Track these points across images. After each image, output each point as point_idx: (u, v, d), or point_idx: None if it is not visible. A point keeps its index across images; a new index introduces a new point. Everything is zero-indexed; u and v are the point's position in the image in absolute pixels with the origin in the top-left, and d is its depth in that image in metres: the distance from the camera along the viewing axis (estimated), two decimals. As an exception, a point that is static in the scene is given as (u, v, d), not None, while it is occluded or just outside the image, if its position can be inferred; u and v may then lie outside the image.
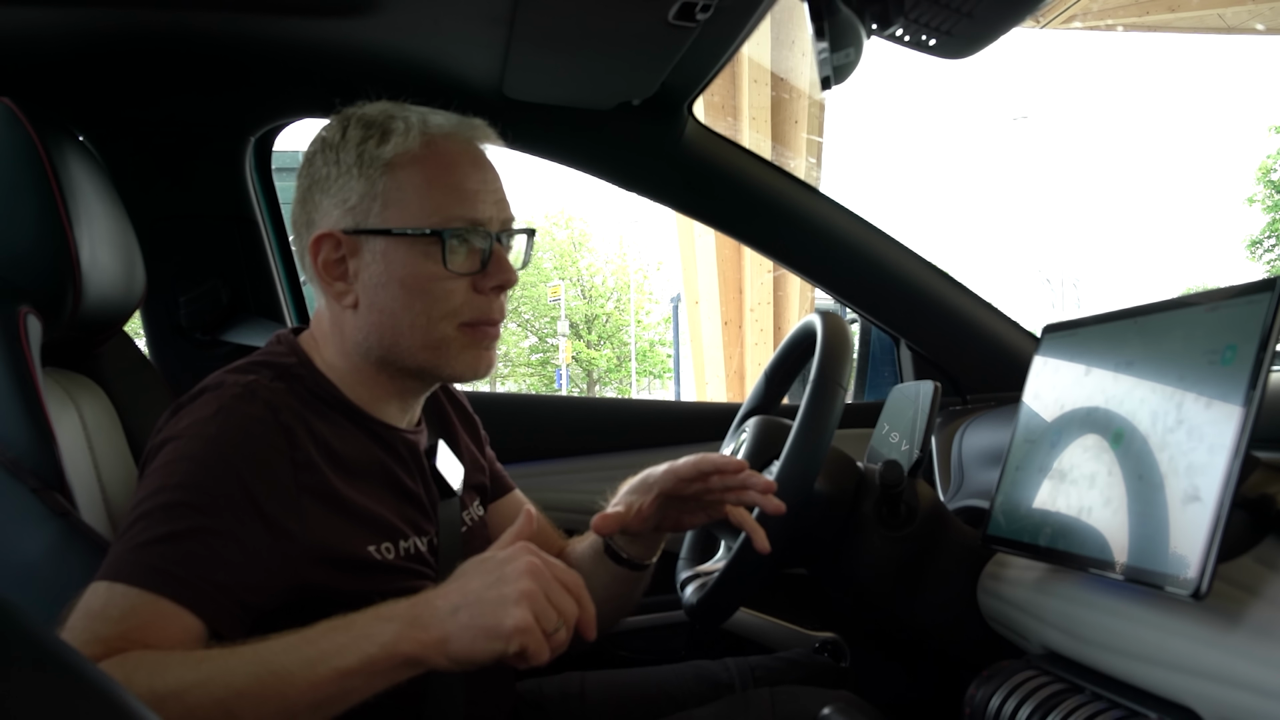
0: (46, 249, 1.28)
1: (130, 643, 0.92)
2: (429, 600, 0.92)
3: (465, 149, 1.18)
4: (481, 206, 1.16)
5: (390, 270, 1.14)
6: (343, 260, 1.16)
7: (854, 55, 1.29)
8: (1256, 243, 25.67)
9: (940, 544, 1.34)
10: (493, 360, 1.21)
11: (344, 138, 1.17)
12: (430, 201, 1.14)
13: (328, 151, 1.18)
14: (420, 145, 1.15)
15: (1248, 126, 51.77)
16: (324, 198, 1.17)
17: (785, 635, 1.90)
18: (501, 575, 0.91)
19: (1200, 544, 0.84)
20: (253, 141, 1.95)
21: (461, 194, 1.16)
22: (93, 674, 0.46)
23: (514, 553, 0.93)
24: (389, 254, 1.14)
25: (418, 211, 1.14)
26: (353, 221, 1.15)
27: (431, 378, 1.22)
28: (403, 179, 1.14)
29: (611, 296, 33.12)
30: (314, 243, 1.16)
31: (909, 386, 1.50)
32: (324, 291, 1.19)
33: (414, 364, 1.17)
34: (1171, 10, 11.43)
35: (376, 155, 1.15)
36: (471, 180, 1.17)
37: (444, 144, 1.17)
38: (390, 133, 1.15)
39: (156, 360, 1.92)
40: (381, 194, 1.14)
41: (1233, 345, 0.88)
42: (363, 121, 1.17)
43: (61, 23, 1.56)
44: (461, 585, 0.93)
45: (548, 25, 1.57)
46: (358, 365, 1.19)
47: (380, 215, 1.14)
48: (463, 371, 1.19)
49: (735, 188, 2.03)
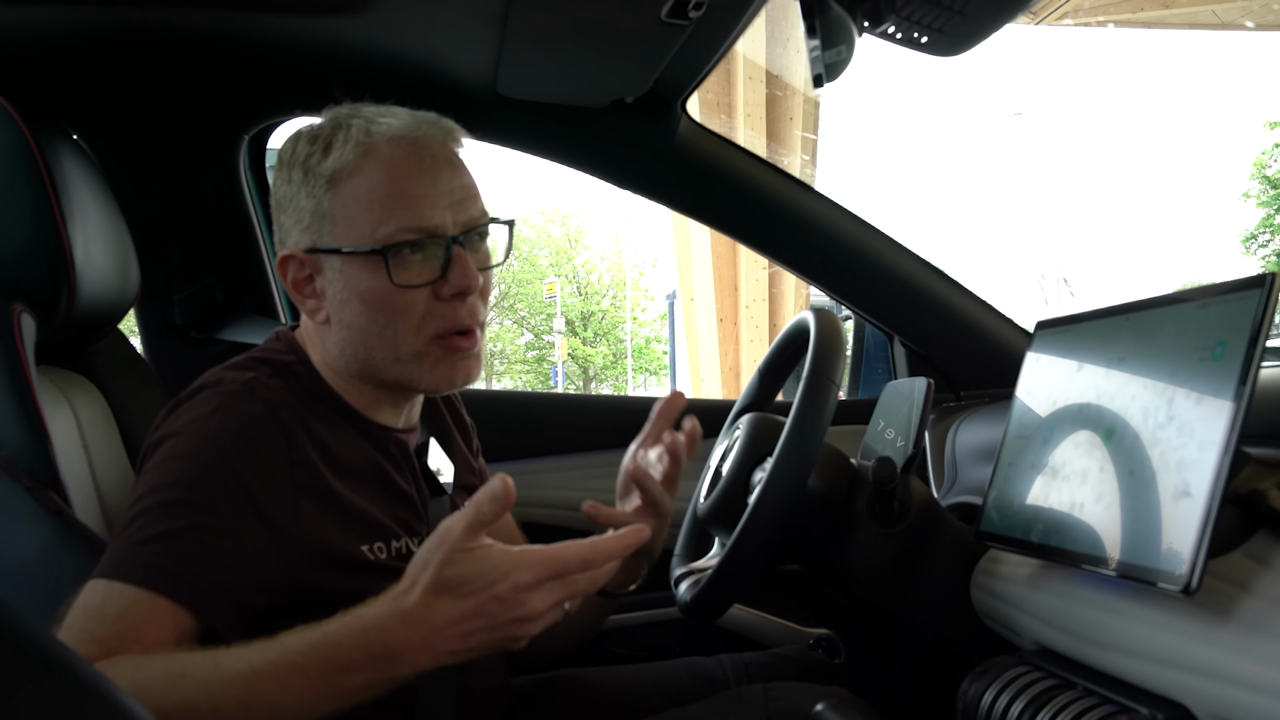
0: (40, 247, 1.28)
1: (127, 641, 0.92)
2: (399, 631, 0.90)
3: (410, 152, 1.12)
4: (431, 211, 1.11)
5: (350, 288, 1.12)
6: (310, 278, 1.15)
7: (846, 53, 1.29)
8: (1251, 238, 25.76)
9: (933, 540, 1.34)
10: (470, 370, 1.17)
11: (293, 153, 1.14)
12: (373, 214, 1.10)
13: (282, 169, 1.16)
14: (358, 156, 1.10)
15: (1242, 122, 51.91)
16: (284, 217, 1.16)
17: (779, 632, 1.90)
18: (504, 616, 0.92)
19: (1191, 539, 0.84)
20: (247, 139, 1.95)
21: (405, 201, 1.10)
22: (89, 674, 0.46)
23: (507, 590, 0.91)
24: (346, 272, 1.12)
25: (363, 226, 1.10)
26: (310, 240, 1.13)
27: (408, 390, 1.19)
28: (345, 193, 1.10)
29: (607, 293, 33.13)
30: (280, 263, 1.16)
31: (902, 383, 1.50)
32: (300, 308, 1.18)
33: (389, 377, 1.16)
34: (1164, 6, 11.45)
35: (319, 171, 1.11)
36: (417, 185, 1.11)
37: (387, 149, 1.11)
38: (331, 146, 1.12)
39: (151, 358, 1.92)
40: (329, 212, 1.11)
41: (1223, 341, 0.89)
42: (309, 136, 1.15)
43: (55, 21, 1.56)
44: (428, 620, 0.90)
45: (541, 22, 1.57)
46: (343, 373, 1.18)
47: (331, 233, 1.12)
48: (438, 384, 1.16)
49: (730, 185, 2.03)
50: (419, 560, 0.92)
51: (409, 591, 0.91)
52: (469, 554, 0.90)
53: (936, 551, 1.34)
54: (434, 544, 0.91)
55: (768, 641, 1.87)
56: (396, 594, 0.91)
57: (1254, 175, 25.45)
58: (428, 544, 0.92)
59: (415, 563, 0.92)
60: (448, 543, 0.90)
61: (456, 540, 0.89)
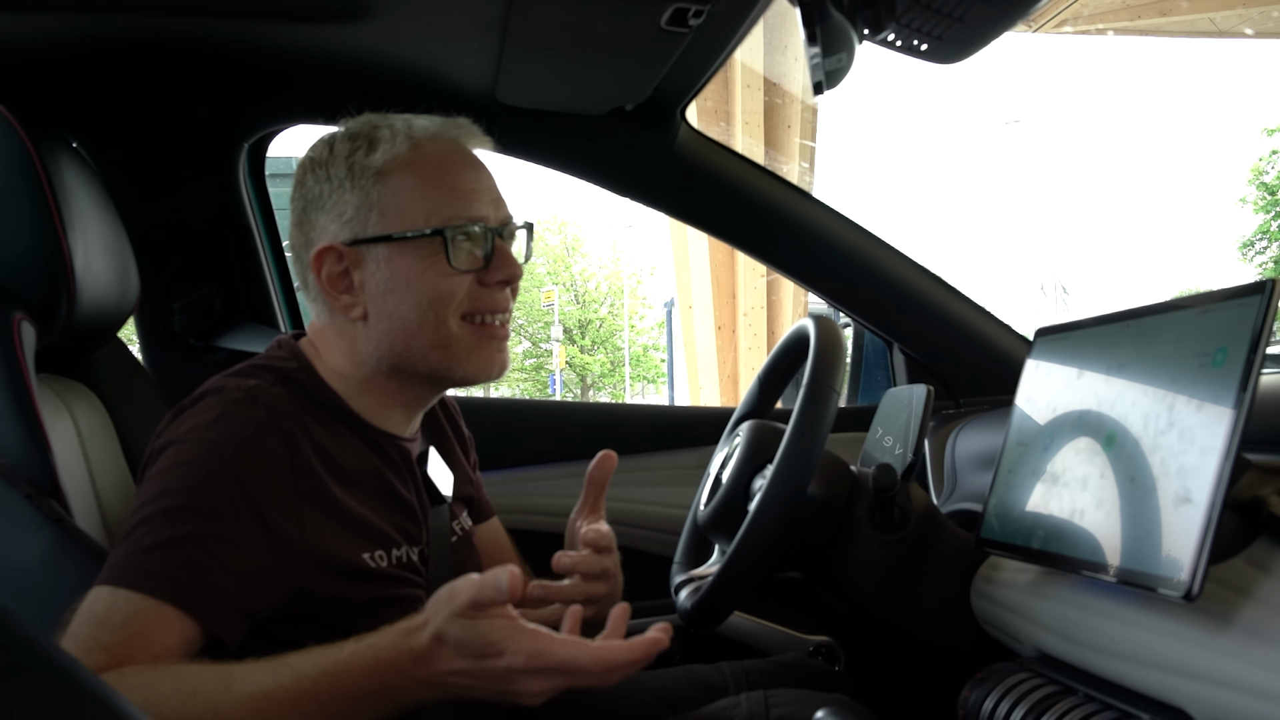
0: (40, 255, 1.28)
1: (134, 649, 0.92)
2: (409, 675, 0.92)
3: (453, 149, 1.20)
4: (478, 204, 1.17)
5: (396, 275, 1.15)
6: (346, 273, 1.17)
7: (846, 60, 1.29)
8: (1248, 244, 25.80)
9: (933, 547, 1.34)
10: (505, 362, 1.21)
11: (332, 153, 1.18)
12: (427, 202, 1.15)
13: (317, 170, 1.18)
14: (409, 149, 1.16)
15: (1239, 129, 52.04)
16: (320, 215, 1.17)
17: (779, 639, 1.90)
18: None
19: (1192, 546, 0.85)
20: (246, 147, 1.95)
21: (457, 192, 1.16)
22: (90, 681, 0.46)
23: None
24: (393, 260, 1.15)
25: (415, 214, 1.15)
26: (352, 233, 1.15)
27: (443, 381, 1.22)
28: (396, 184, 1.15)
29: (605, 301, 33.11)
30: (315, 257, 1.17)
31: (902, 390, 1.50)
32: (330, 306, 1.19)
33: (426, 367, 1.17)
34: (1162, 14, 11.48)
35: (367, 165, 1.15)
36: (465, 179, 1.18)
37: (432, 145, 1.18)
38: (377, 141, 1.16)
39: (150, 366, 1.91)
40: (377, 202, 1.15)
41: (1224, 348, 0.89)
42: (348, 135, 1.18)
43: (55, 29, 1.56)
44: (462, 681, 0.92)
45: (541, 30, 1.57)
46: (368, 375, 1.19)
47: (379, 223, 1.15)
48: (475, 372, 1.19)
49: (728, 193, 2.03)
50: (435, 601, 0.92)
51: (421, 630, 0.91)
52: (471, 621, 0.90)
53: (937, 558, 1.34)
54: (445, 595, 0.91)
55: (768, 649, 1.87)
56: (409, 629, 0.92)
57: (1251, 181, 25.51)
58: (443, 591, 0.92)
59: (432, 603, 0.92)
60: (454, 604, 0.90)
61: (460, 608, 0.89)
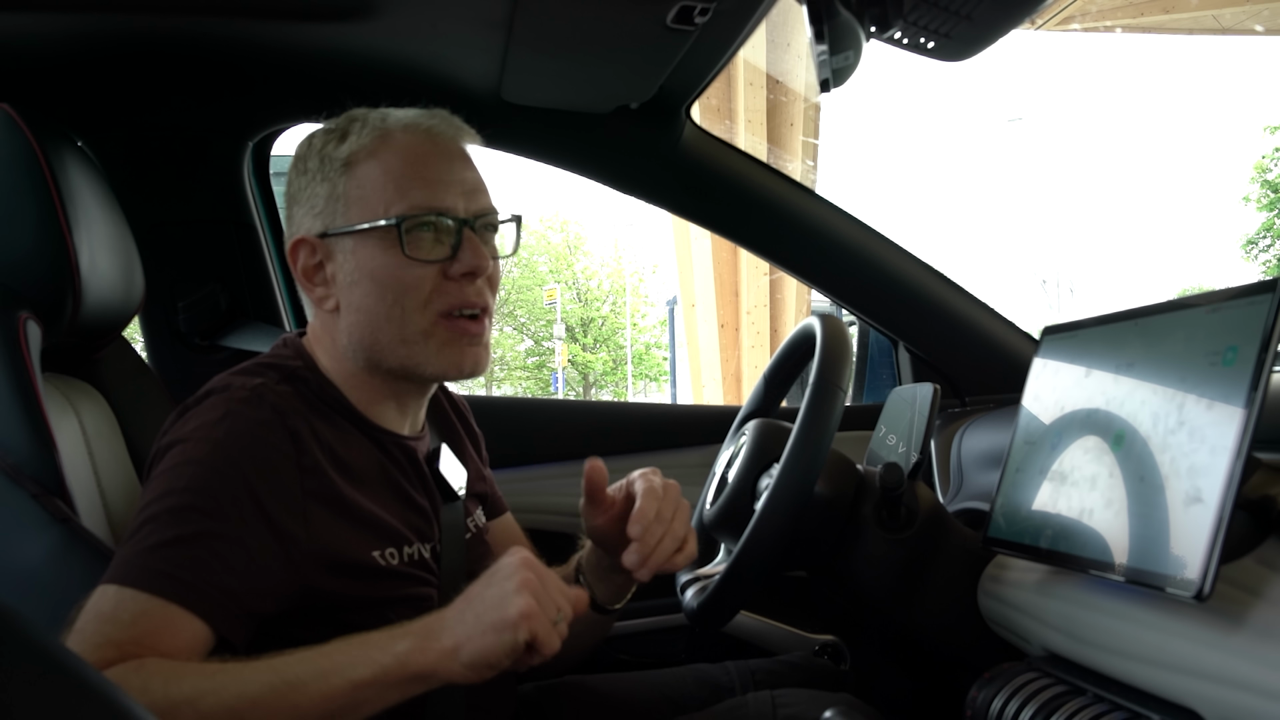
0: (46, 254, 1.28)
1: (142, 647, 0.92)
2: (439, 614, 0.96)
3: (424, 139, 1.18)
4: (444, 194, 1.15)
5: (360, 267, 1.15)
6: (320, 265, 1.18)
7: (853, 58, 1.29)
8: (1252, 242, 25.75)
9: (940, 546, 1.33)
10: (479, 358, 1.19)
11: (309, 147, 1.19)
12: (388, 192, 1.14)
13: (299, 164, 1.20)
14: (375, 140, 1.16)
15: (1243, 126, 51.97)
16: (297, 208, 1.19)
17: (785, 638, 1.90)
18: (498, 572, 0.96)
19: (1202, 545, 0.84)
20: (251, 146, 1.95)
21: (419, 181, 1.15)
22: (95, 679, 0.46)
23: (507, 557, 0.98)
24: (357, 251, 1.15)
25: (377, 205, 1.14)
26: (322, 225, 1.17)
27: (415, 376, 1.19)
28: (361, 175, 1.15)
29: (607, 300, 33.12)
30: (291, 250, 1.19)
31: (908, 389, 1.50)
32: (308, 297, 1.21)
33: (395, 361, 1.16)
34: (1167, 11, 11.46)
35: (335, 156, 1.16)
36: (431, 169, 1.16)
37: (402, 136, 1.17)
38: (347, 133, 1.17)
39: (155, 365, 1.91)
40: (343, 194, 1.15)
41: (1234, 346, 0.89)
42: (324, 130, 1.20)
43: (60, 28, 1.56)
44: (465, 594, 0.97)
45: (546, 28, 1.57)
46: (350, 370, 1.19)
47: (344, 215, 1.15)
48: (444, 369, 1.17)
49: (733, 191, 2.03)
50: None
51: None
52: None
53: (943, 558, 1.33)
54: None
55: (774, 648, 1.87)
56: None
57: (1254, 179, 25.46)
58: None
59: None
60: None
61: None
